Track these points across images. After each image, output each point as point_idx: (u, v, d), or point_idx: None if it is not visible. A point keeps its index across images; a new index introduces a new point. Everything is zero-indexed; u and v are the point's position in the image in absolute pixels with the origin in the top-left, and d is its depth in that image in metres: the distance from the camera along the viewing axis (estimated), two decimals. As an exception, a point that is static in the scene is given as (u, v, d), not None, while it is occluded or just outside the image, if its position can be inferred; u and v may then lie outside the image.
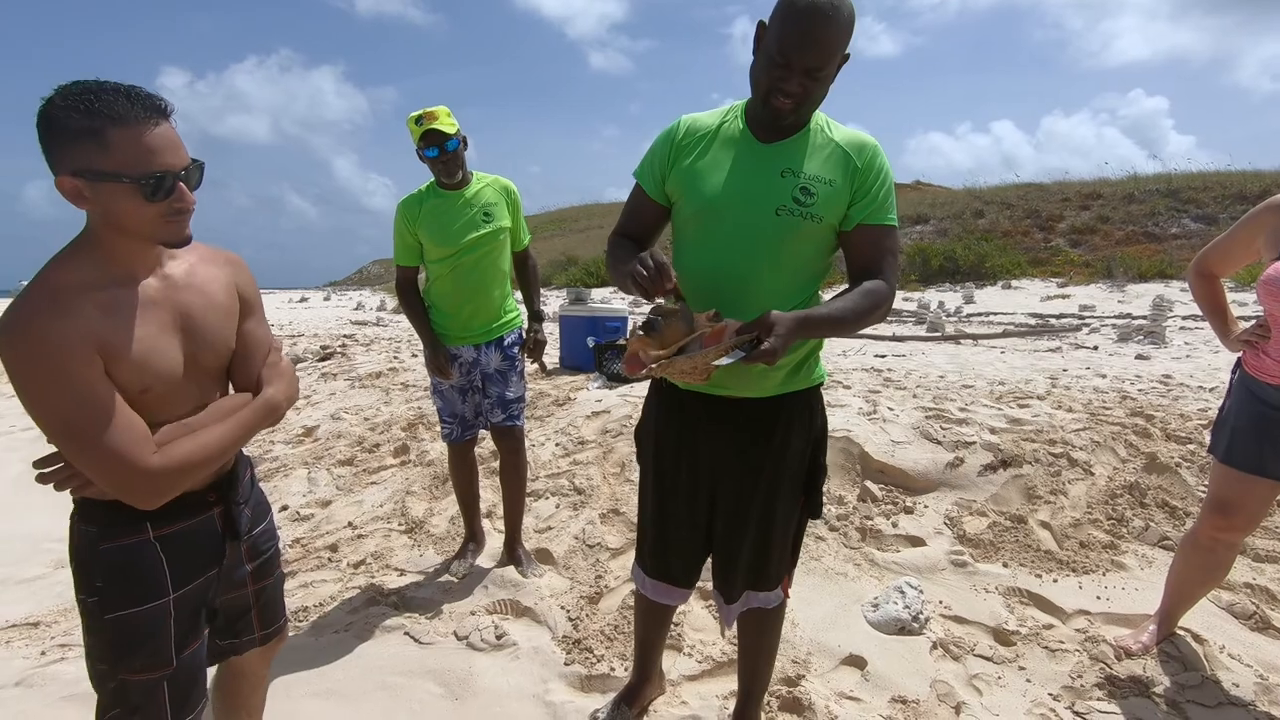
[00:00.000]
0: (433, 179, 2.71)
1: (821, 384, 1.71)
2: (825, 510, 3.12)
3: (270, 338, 1.38)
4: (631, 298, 12.43)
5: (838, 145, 1.54)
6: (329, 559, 3.12)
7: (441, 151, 2.59)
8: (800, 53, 1.40)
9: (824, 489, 1.75)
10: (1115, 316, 11.03)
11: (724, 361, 1.37)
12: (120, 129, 1.04)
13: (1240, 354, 2.06)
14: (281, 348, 1.38)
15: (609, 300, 8.72)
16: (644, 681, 2.05)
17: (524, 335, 2.89)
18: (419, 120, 2.58)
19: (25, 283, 1.11)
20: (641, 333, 1.43)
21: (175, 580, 1.26)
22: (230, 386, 1.35)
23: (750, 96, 1.56)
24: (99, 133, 1.03)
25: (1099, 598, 2.59)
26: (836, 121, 1.60)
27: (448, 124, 2.58)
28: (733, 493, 1.67)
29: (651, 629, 1.98)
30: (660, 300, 1.45)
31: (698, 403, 1.66)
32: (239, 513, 1.37)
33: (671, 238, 1.70)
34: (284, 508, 3.76)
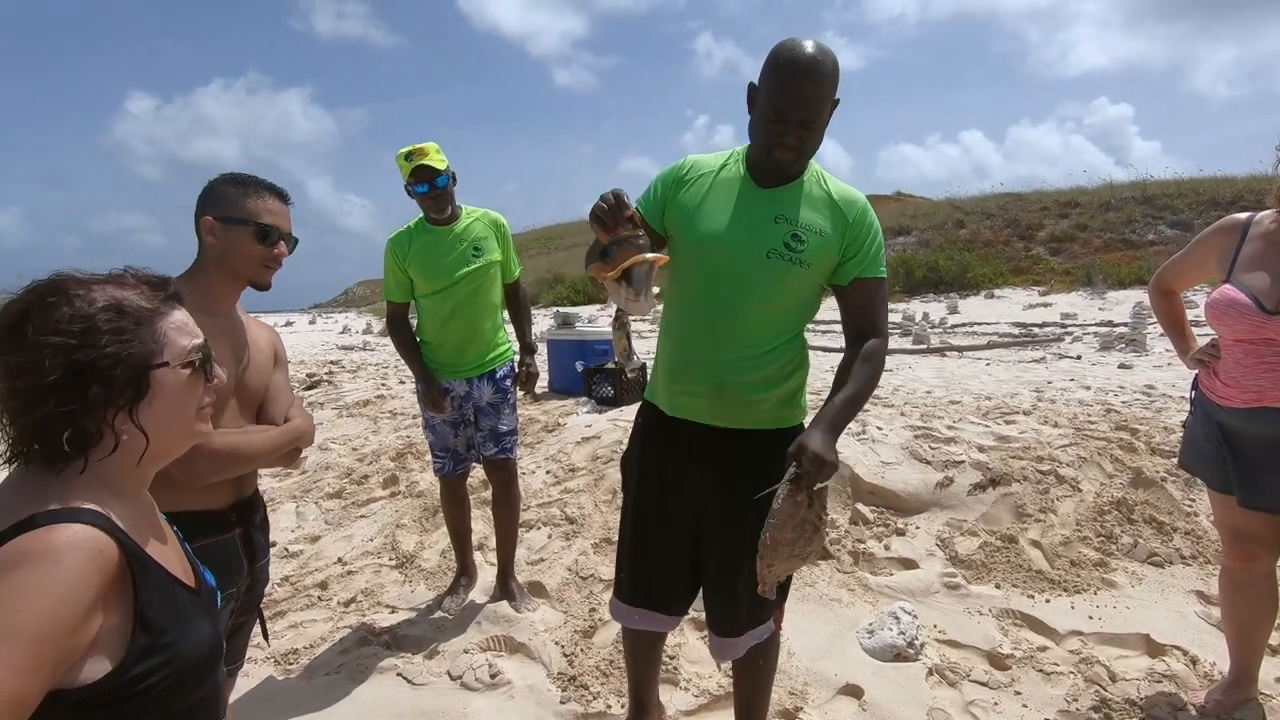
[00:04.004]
0: (422, 215, 2.72)
1: (802, 423, 1.74)
2: (818, 534, 3.12)
3: (291, 392, 1.62)
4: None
5: (831, 198, 1.61)
6: (319, 597, 3.08)
7: (431, 187, 2.60)
8: (794, 109, 1.48)
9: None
10: (1097, 324, 11.18)
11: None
12: (254, 194, 1.48)
13: (1197, 371, 2.08)
14: (301, 404, 1.61)
15: (595, 319, 8.71)
16: (642, 715, 2.03)
17: (516, 368, 2.89)
18: (409, 156, 2.60)
19: None
20: (600, 260, 1.49)
21: None
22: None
23: (750, 144, 1.63)
24: (242, 195, 1.47)
25: (1091, 617, 2.60)
26: (830, 174, 1.66)
27: (437, 160, 2.60)
28: (722, 528, 1.68)
29: (642, 661, 1.96)
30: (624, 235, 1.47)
31: (686, 433, 1.68)
32: (257, 536, 1.49)
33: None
34: (272, 544, 3.71)
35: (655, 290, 1.49)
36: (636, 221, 1.46)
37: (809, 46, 1.47)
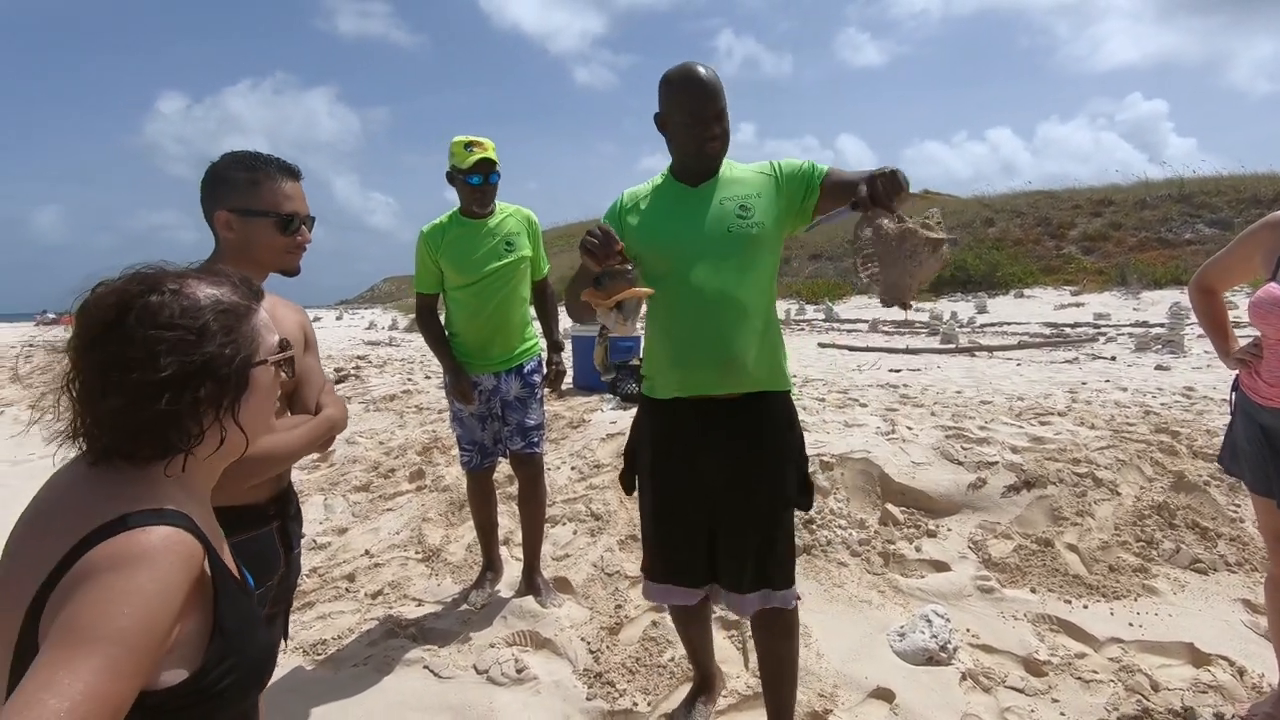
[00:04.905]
0: (455, 208, 2.74)
1: (790, 390, 1.91)
2: (847, 534, 3.08)
3: (323, 374, 1.56)
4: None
5: (749, 171, 1.87)
6: (346, 589, 3.11)
7: (485, 180, 2.65)
8: (704, 106, 1.73)
9: (815, 487, 1.96)
10: (1131, 325, 10.92)
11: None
12: (269, 181, 1.38)
13: (1237, 371, 2.01)
14: (332, 387, 1.55)
15: (620, 317, 8.69)
16: (705, 678, 2.18)
17: (544, 364, 2.89)
18: (469, 146, 2.63)
19: (48, 311, 1.15)
20: (594, 288, 1.66)
21: None
22: (288, 412, 1.50)
23: (671, 164, 1.88)
24: (255, 183, 1.37)
25: (1131, 624, 2.52)
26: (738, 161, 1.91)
27: (494, 156, 2.65)
28: (732, 492, 1.81)
29: (692, 632, 2.10)
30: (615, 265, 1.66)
31: (691, 411, 1.82)
32: (292, 527, 1.49)
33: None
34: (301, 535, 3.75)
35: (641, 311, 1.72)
36: (624, 254, 1.65)
37: (692, 63, 1.76)
